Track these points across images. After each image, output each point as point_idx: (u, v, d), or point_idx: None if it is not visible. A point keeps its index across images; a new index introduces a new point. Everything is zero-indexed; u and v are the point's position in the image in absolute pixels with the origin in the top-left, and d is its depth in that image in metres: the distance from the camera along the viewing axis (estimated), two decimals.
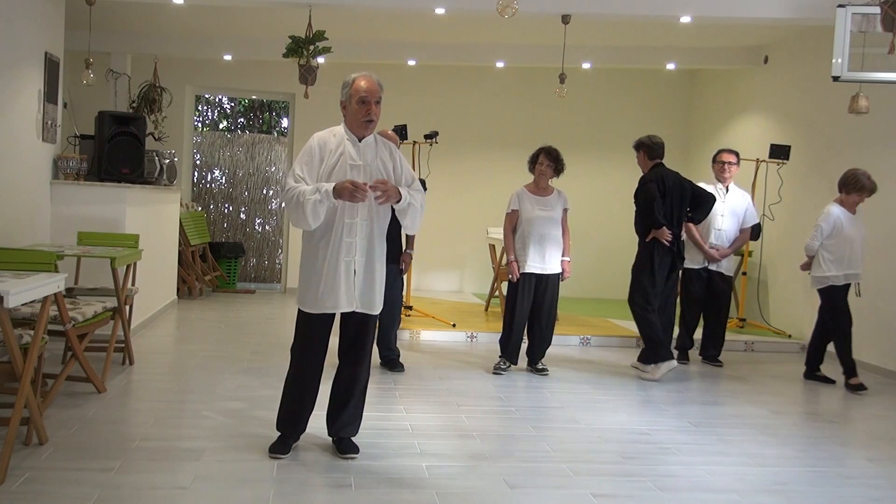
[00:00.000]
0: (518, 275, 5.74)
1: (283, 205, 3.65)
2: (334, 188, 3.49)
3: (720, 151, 6.66)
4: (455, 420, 4.52)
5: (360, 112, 3.62)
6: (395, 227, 5.50)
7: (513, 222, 5.82)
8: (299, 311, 3.74)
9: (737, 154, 6.63)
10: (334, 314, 3.72)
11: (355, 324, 3.75)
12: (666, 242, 5.76)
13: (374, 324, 3.83)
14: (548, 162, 5.74)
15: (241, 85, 10.09)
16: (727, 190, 6.58)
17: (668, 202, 5.82)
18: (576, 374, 5.95)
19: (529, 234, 5.73)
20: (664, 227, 5.73)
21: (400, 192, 3.61)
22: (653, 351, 5.83)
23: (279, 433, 3.82)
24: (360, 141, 3.68)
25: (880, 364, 6.44)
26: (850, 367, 5.78)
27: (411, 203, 3.67)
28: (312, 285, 3.65)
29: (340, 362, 3.84)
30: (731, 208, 6.53)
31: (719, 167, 6.57)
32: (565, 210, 5.86)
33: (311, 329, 3.72)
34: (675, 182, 5.89)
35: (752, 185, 7.73)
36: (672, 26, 7.29)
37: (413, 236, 5.78)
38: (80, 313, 4.40)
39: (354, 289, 3.65)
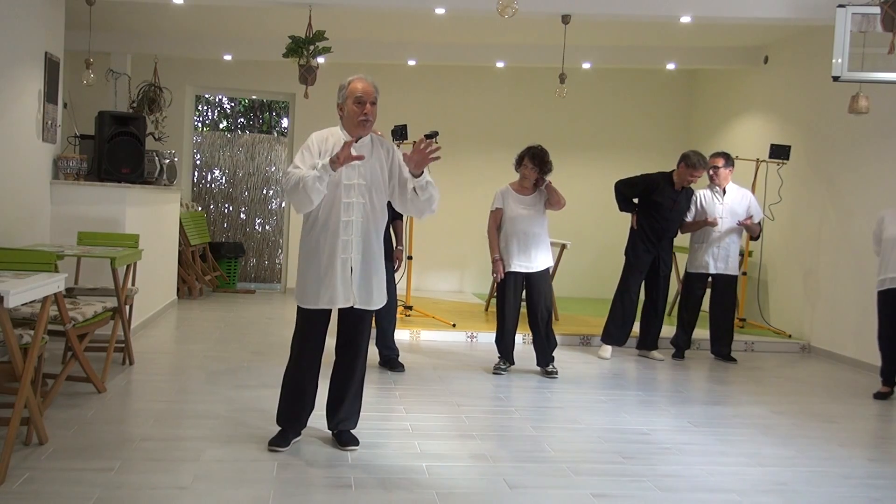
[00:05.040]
0: (503, 274, 5.74)
1: (284, 193, 3.74)
2: (330, 160, 3.55)
3: (709, 157, 6.68)
4: (455, 420, 4.52)
5: (356, 112, 3.69)
6: (387, 226, 5.56)
7: (497, 220, 5.79)
8: (298, 307, 3.80)
9: (725, 156, 6.62)
10: (330, 311, 3.77)
11: (352, 320, 3.82)
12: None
13: (370, 320, 3.90)
14: (532, 165, 5.67)
15: (241, 85, 10.08)
16: (724, 192, 6.59)
17: None
18: (576, 374, 5.95)
19: (513, 232, 5.70)
20: None
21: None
22: None
23: (279, 427, 3.89)
24: (356, 141, 3.71)
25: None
26: (881, 371, 5.74)
27: (430, 182, 3.72)
28: (310, 281, 3.73)
29: (337, 358, 3.90)
30: (730, 209, 6.54)
31: (708, 173, 6.62)
32: (546, 187, 5.72)
33: (308, 324, 3.80)
34: None
35: (752, 184, 7.73)
36: (672, 26, 7.28)
37: (400, 232, 5.81)
38: (80, 313, 4.40)
39: (352, 284, 3.71)
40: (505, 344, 5.85)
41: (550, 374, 5.80)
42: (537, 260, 5.73)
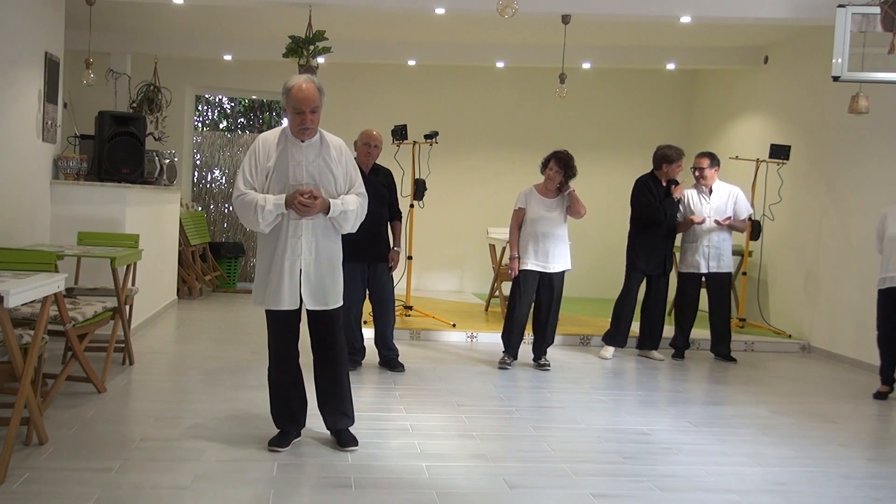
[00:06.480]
0: (517, 271, 5.84)
1: (234, 208, 3.76)
2: (285, 200, 3.60)
3: (695, 157, 6.67)
4: (455, 420, 4.52)
5: (294, 122, 3.67)
6: (382, 227, 5.58)
7: (518, 220, 5.93)
8: (265, 309, 3.81)
9: (710, 156, 6.60)
10: (296, 310, 3.77)
11: (316, 320, 3.82)
12: None
13: (337, 318, 3.86)
14: (557, 168, 5.82)
15: (241, 85, 10.09)
16: (710, 192, 6.59)
17: None
18: (576, 374, 5.95)
19: (532, 233, 5.85)
20: None
21: (329, 206, 3.66)
22: None
23: (278, 429, 3.90)
24: (302, 142, 3.72)
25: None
26: (881, 370, 5.74)
27: (344, 211, 3.71)
28: (260, 282, 3.76)
29: (313, 357, 3.90)
30: (715, 208, 6.54)
31: (693, 173, 6.63)
32: (569, 194, 5.87)
33: (275, 325, 3.81)
34: None
35: (752, 184, 7.73)
36: (672, 26, 7.28)
37: (399, 232, 5.82)
38: (80, 313, 4.40)
39: (300, 286, 3.70)
40: (513, 341, 5.94)
41: (543, 366, 5.96)
42: (554, 262, 5.87)
